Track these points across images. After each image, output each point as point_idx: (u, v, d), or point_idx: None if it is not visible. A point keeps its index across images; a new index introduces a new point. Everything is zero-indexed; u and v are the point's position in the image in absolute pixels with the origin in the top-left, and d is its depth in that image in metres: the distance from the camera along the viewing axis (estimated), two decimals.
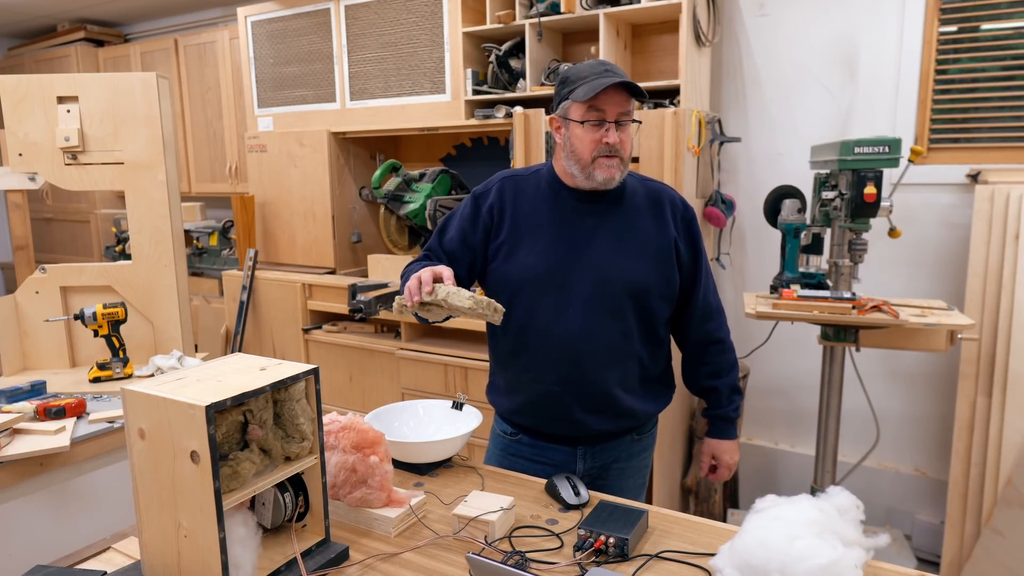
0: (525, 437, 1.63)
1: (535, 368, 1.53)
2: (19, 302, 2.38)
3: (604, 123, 1.45)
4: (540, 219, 1.53)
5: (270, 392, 1.13)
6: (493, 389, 1.69)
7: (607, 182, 1.48)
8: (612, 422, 1.57)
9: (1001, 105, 2.64)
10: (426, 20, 3.03)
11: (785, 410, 3.13)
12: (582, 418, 1.54)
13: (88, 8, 4.62)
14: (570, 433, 1.57)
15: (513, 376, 1.59)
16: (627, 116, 1.46)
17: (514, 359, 1.57)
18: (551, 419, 1.56)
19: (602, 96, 1.43)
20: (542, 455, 1.61)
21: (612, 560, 1.18)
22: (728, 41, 3.01)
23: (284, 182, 3.49)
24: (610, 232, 1.52)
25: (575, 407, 1.53)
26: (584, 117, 1.45)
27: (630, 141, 1.50)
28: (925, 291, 2.77)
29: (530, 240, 1.52)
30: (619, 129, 1.46)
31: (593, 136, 1.45)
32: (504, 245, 1.54)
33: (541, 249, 1.51)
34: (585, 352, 1.50)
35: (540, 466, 1.61)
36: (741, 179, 3.07)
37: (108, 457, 1.91)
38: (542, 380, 1.53)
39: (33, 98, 2.31)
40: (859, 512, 1.11)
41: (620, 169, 1.49)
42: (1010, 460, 2.39)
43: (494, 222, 1.56)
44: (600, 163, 1.46)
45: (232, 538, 1.07)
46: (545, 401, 1.54)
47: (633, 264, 1.50)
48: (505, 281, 1.53)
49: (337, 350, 3.25)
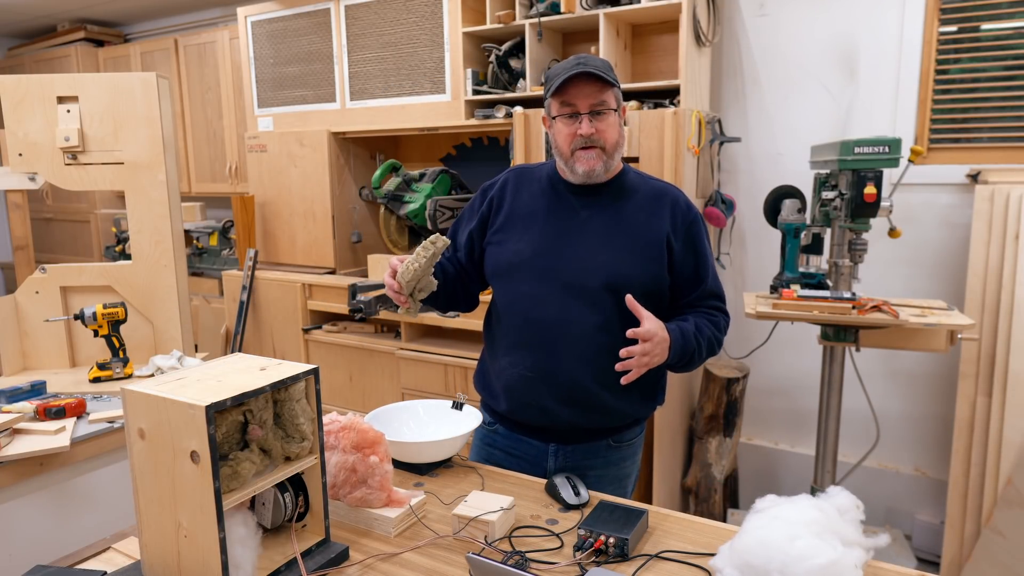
0: (501, 428, 1.65)
1: (513, 352, 1.56)
2: (19, 302, 2.38)
3: (577, 115, 1.47)
4: (535, 209, 1.57)
5: (270, 392, 1.13)
6: (477, 375, 1.72)
7: (588, 174, 1.50)
8: (585, 417, 1.55)
9: (1001, 105, 2.64)
10: (426, 20, 3.03)
11: (785, 410, 3.13)
12: (554, 408, 1.53)
13: (88, 8, 4.62)
14: (542, 424, 1.57)
15: (495, 360, 1.63)
16: (601, 106, 1.47)
17: (496, 343, 1.62)
18: (523, 406, 1.57)
19: (571, 89, 1.46)
20: (515, 448, 1.63)
21: (612, 560, 1.18)
22: (728, 41, 3.01)
23: (284, 182, 3.49)
24: (600, 226, 1.53)
25: (547, 395, 1.53)
26: (558, 111, 1.49)
27: (613, 131, 1.50)
28: (925, 291, 2.77)
29: (522, 228, 1.57)
30: (597, 119, 1.47)
31: (569, 129, 1.48)
32: (499, 232, 1.59)
33: (531, 237, 1.55)
34: (560, 341, 1.51)
35: (513, 459, 1.63)
36: (741, 179, 3.07)
37: (108, 457, 1.91)
38: (517, 365, 1.55)
39: (33, 98, 2.31)
40: (859, 512, 1.11)
41: (602, 159, 1.49)
42: (1010, 460, 2.39)
43: (492, 211, 1.62)
44: (578, 156, 1.49)
45: (232, 538, 1.07)
46: (519, 387, 1.56)
47: (617, 258, 1.51)
48: (495, 265, 1.59)
49: (337, 350, 3.25)
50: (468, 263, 1.67)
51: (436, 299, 1.61)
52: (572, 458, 1.59)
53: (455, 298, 1.69)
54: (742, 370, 2.91)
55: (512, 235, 1.57)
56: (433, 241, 1.40)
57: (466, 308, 1.75)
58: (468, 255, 1.67)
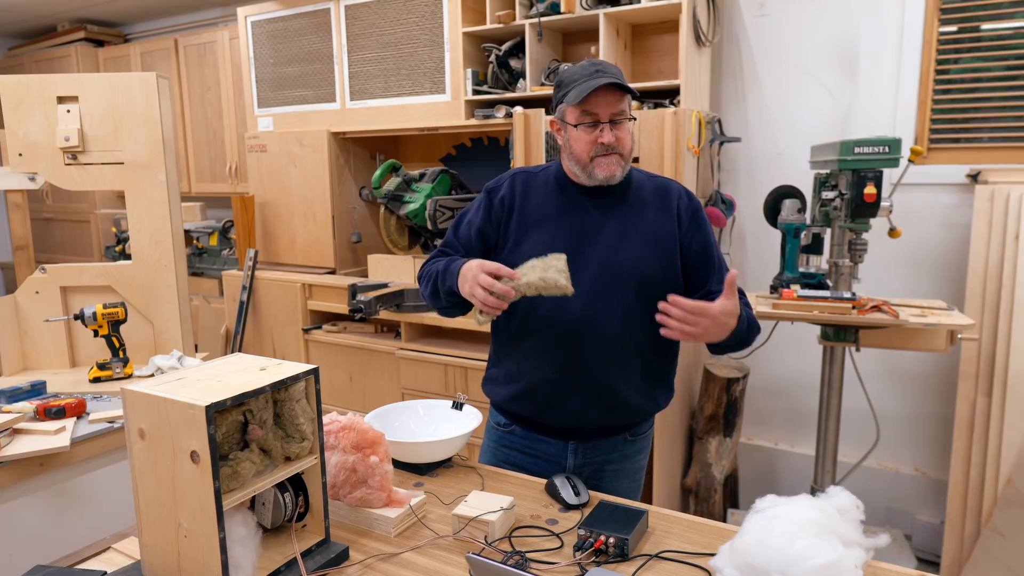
0: (518, 428, 1.64)
1: (535, 355, 1.55)
2: (19, 302, 2.38)
3: (598, 124, 1.47)
4: (547, 212, 1.57)
5: (270, 392, 1.13)
6: (490, 380, 1.70)
7: (608, 179, 1.51)
8: (608, 415, 1.56)
9: (1001, 105, 2.64)
10: (426, 20, 3.03)
11: (785, 410, 3.13)
12: (580, 408, 1.54)
13: (88, 8, 4.62)
14: (564, 424, 1.58)
15: (513, 364, 1.61)
16: (621, 115, 1.48)
17: (516, 346, 1.60)
18: (547, 408, 1.57)
19: (593, 98, 1.45)
20: (533, 447, 1.63)
21: (612, 560, 1.18)
22: (728, 41, 3.01)
23: (284, 182, 3.49)
24: (615, 224, 1.54)
25: (573, 396, 1.54)
26: (578, 120, 1.49)
27: (628, 137, 1.51)
28: (925, 291, 2.77)
29: (537, 231, 1.56)
30: (615, 127, 1.48)
31: (589, 137, 1.48)
32: (512, 235, 1.58)
33: (547, 239, 1.54)
34: (585, 340, 1.51)
35: (532, 459, 1.62)
36: (741, 179, 3.07)
37: (108, 457, 1.91)
38: (541, 368, 1.55)
39: (33, 98, 2.31)
40: (859, 512, 1.11)
41: (620, 165, 1.51)
42: (1010, 460, 2.39)
43: (504, 212, 1.60)
44: (599, 161, 1.49)
45: (232, 538, 1.07)
46: (543, 389, 1.55)
47: (637, 254, 1.52)
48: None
49: (337, 350, 3.25)
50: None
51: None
52: (591, 454, 1.60)
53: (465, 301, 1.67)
54: (742, 370, 2.91)
55: (527, 239, 1.56)
56: (557, 257, 1.40)
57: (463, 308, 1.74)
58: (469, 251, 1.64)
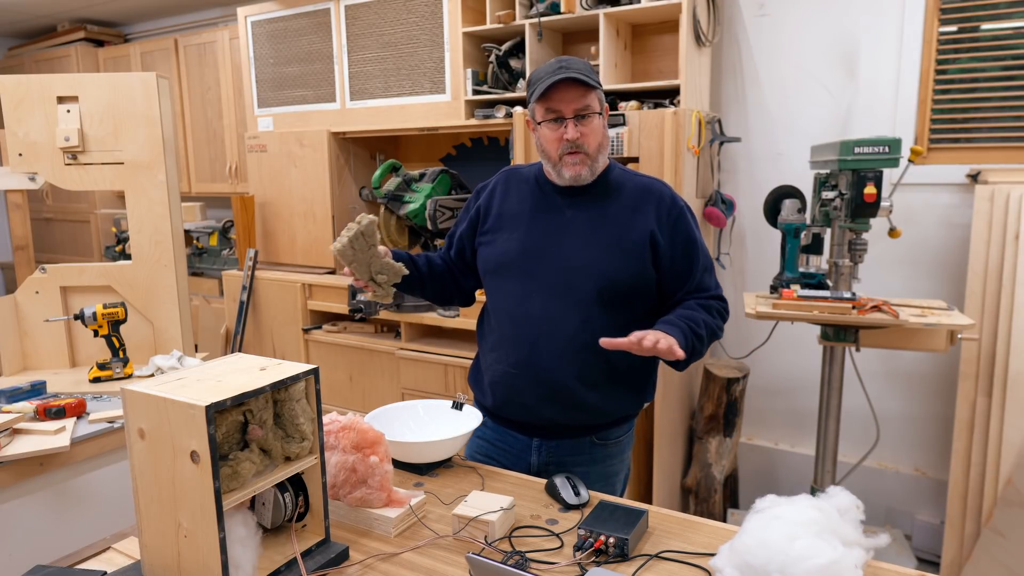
0: (489, 421, 1.67)
1: (498, 349, 1.60)
2: (19, 302, 2.38)
3: (562, 120, 1.48)
4: (523, 209, 1.60)
5: (270, 392, 1.12)
6: (472, 372, 1.76)
7: (575, 179, 1.53)
8: (565, 414, 1.56)
9: (1001, 105, 2.64)
10: (426, 20, 3.03)
11: (785, 410, 3.13)
12: (534, 404, 1.55)
13: (88, 8, 4.62)
14: (525, 420, 1.60)
15: (483, 356, 1.68)
16: (586, 110, 1.48)
17: (485, 340, 1.67)
18: (506, 402, 1.60)
19: (555, 94, 1.47)
20: (501, 440, 1.65)
21: (612, 560, 1.18)
22: (728, 41, 3.01)
23: (284, 182, 3.49)
24: (585, 225, 1.55)
25: (528, 392, 1.55)
26: (543, 117, 1.51)
27: (596, 133, 1.51)
28: (925, 291, 2.77)
29: (510, 228, 1.60)
30: (581, 123, 1.48)
31: (555, 134, 1.50)
32: (489, 232, 1.64)
33: (518, 236, 1.58)
34: (542, 338, 1.53)
35: (500, 451, 1.65)
36: (741, 179, 3.07)
37: (108, 457, 1.91)
38: (502, 361, 1.59)
39: (33, 98, 2.31)
40: (859, 512, 1.11)
41: (587, 165, 1.51)
42: (1010, 460, 2.39)
43: (482, 212, 1.66)
44: (565, 161, 1.51)
45: (232, 538, 1.07)
46: (502, 383, 1.59)
47: (602, 256, 1.51)
48: (485, 264, 1.64)
49: (337, 350, 3.25)
50: (458, 260, 1.74)
51: (419, 288, 1.68)
52: (555, 453, 1.61)
53: (446, 292, 1.75)
54: (742, 370, 2.91)
55: (501, 235, 1.61)
56: (358, 221, 1.43)
57: (461, 303, 1.82)
58: (458, 253, 1.73)
